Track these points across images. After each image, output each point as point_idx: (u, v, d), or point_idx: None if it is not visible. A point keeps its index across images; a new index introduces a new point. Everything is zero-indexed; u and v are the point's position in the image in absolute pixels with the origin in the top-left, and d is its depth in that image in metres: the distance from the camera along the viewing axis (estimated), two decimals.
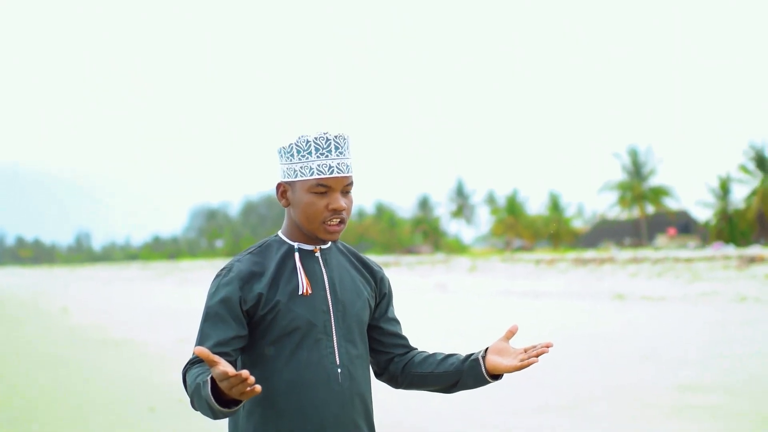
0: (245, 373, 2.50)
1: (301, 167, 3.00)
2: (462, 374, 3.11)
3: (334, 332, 3.02)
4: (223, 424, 3.14)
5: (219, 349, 2.92)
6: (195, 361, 2.95)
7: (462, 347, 14.05)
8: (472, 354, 3.12)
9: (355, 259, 3.21)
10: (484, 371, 3.07)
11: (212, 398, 2.65)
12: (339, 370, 3.00)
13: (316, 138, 2.98)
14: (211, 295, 3.04)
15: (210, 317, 3.00)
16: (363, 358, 3.11)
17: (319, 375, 2.97)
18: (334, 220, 2.99)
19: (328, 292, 3.04)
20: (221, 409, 2.66)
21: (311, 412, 2.96)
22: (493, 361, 3.04)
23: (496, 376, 3.11)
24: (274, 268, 3.04)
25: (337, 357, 3.01)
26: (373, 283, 3.20)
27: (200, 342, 2.96)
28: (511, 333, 3.00)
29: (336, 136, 3.00)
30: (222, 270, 3.08)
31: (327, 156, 2.97)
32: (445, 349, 3.40)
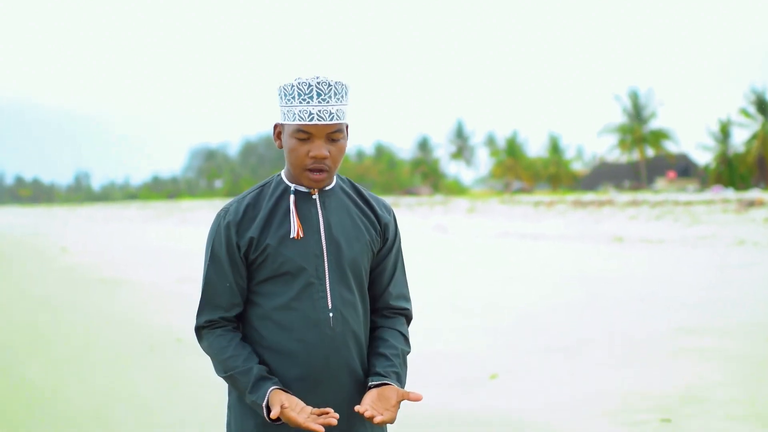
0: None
1: (287, 111, 2.97)
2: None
3: (327, 276, 2.98)
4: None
5: (235, 311, 3.05)
6: (216, 325, 3.05)
7: (461, 289, 14.06)
8: (373, 378, 2.99)
9: (361, 201, 3.13)
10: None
11: (264, 409, 2.89)
12: (331, 314, 2.97)
13: (299, 83, 2.94)
14: (211, 239, 3.07)
15: (218, 275, 3.05)
16: (359, 303, 3.06)
17: (310, 319, 2.96)
18: (317, 167, 2.95)
19: (322, 235, 3.00)
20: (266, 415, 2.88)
21: (302, 356, 2.95)
22: (364, 398, 2.93)
23: None
24: (267, 210, 3.02)
25: (329, 301, 2.98)
26: (378, 227, 3.12)
27: (211, 301, 3.05)
28: (409, 398, 2.89)
29: (319, 83, 2.92)
30: (221, 211, 3.09)
31: (308, 102, 2.92)
32: (443, 291, 3.37)
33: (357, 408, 2.83)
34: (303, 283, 2.97)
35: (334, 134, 2.96)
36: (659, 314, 12.76)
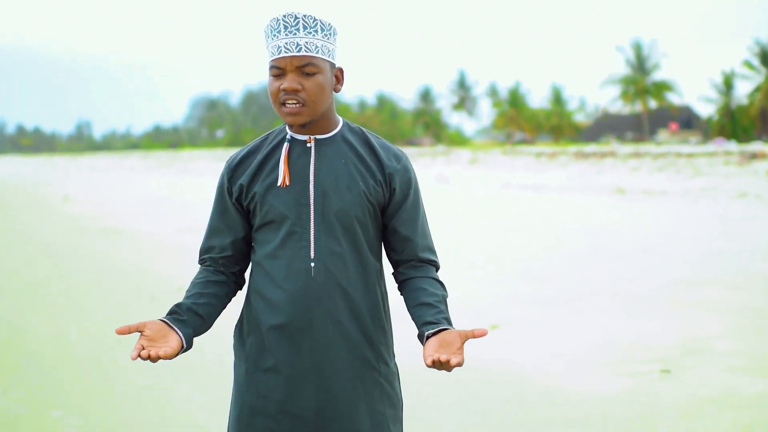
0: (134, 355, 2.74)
1: (266, 52, 2.98)
2: (417, 330, 2.96)
3: (312, 225, 2.93)
4: (229, 309, 3.15)
5: (221, 254, 3.08)
6: (204, 264, 3.14)
7: (463, 240, 14.08)
8: (427, 327, 2.90)
9: (364, 149, 3.05)
10: (423, 345, 2.88)
11: None
12: (313, 264, 2.92)
13: (269, 21, 2.93)
14: (217, 184, 3.11)
15: (213, 217, 3.11)
16: (348, 256, 2.97)
17: (293, 268, 2.92)
18: (290, 101, 2.90)
19: (311, 184, 2.95)
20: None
21: (284, 304, 2.92)
22: (426, 349, 2.82)
23: None
24: (261, 158, 3.02)
25: (312, 251, 2.93)
26: (380, 176, 3.01)
27: (206, 241, 3.12)
28: (473, 336, 2.79)
29: (285, 16, 2.90)
30: (228, 158, 3.12)
31: (276, 37, 2.90)
32: (445, 242, 3.33)
33: (426, 361, 2.73)
34: (287, 231, 2.94)
35: (306, 68, 2.89)
36: (661, 266, 12.77)
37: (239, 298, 3.15)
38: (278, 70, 2.91)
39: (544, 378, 7.27)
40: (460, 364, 2.70)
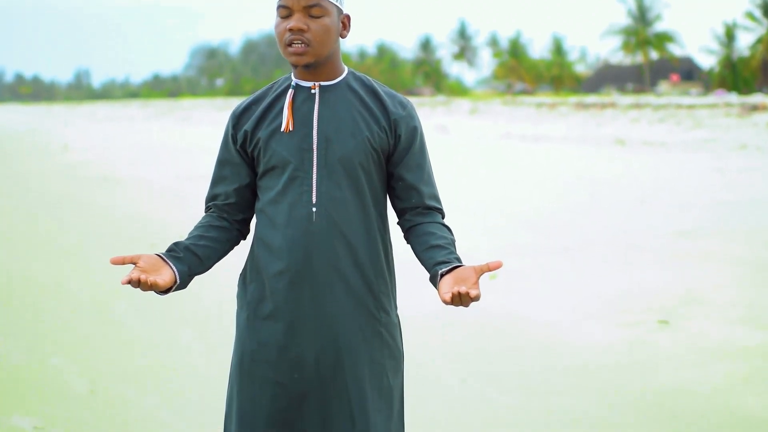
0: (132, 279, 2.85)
1: None
2: (429, 273, 2.95)
3: (314, 171, 2.93)
4: (233, 256, 3.17)
5: (225, 201, 3.09)
6: (208, 210, 3.16)
7: (462, 190, 14.08)
8: (440, 265, 2.88)
9: (369, 96, 3.04)
10: (437, 288, 2.86)
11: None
12: (314, 209, 2.91)
13: None
14: (223, 133, 3.13)
15: (218, 165, 3.12)
16: (351, 203, 2.96)
17: (294, 213, 2.92)
18: (296, 41, 2.89)
19: (315, 129, 2.94)
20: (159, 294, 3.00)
21: (284, 250, 2.92)
22: (441, 287, 2.81)
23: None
24: (265, 105, 3.02)
25: (313, 196, 2.92)
26: (384, 123, 3.00)
27: (211, 189, 3.13)
28: (488, 269, 2.75)
29: None
30: (234, 107, 3.12)
31: None
32: (444, 192, 3.31)
33: (444, 297, 2.72)
34: (289, 177, 2.93)
35: (313, 9, 2.89)
36: (660, 217, 12.78)
37: (245, 248, 3.15)
38: (286, 11, 2.90)
39: (543, 328, 7.30)
40: (478, 297, 2.68)
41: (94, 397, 5.73)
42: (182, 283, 2.96)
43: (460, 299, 2.69)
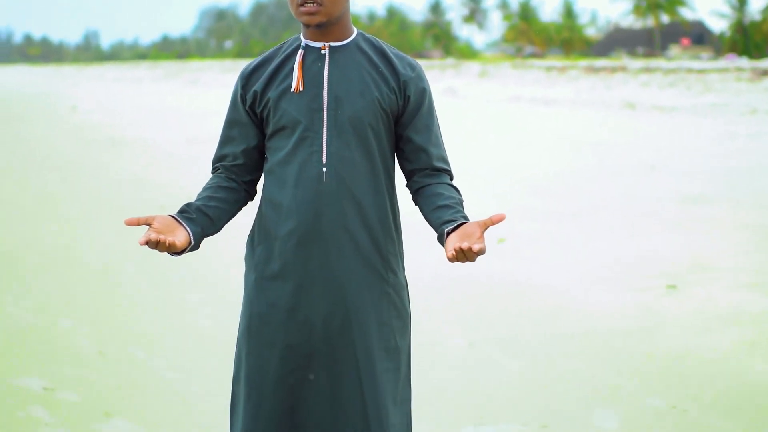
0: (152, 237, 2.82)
1: None
2: (436, 233, 2.95)
3: (324, 131, 2.93)
4: (240, 222, 3.17)
5: (233, 162, 3.08)
6: (215, 171, 3.14)
7: (471, 154, 14.05)
8: (447, 224, 2.89)
9: (379, 57, 3.04)
10: (444, 245, 2.87)
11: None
12: (324, 169, 2.91)
13: None
14: (231, 93, 3.12)
15: (226, 126, 3.11)
16: (360, 163, 2.96)
17: (304, 173, 2.91)
18: (309, 1, 2.89)
19: (325, 89, 2.94)
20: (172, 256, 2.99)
21: (293, 209, 2.92)
22: (447, 244, 2.81)
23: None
24: (275, 65, 3.01)
25: (324, 156, 2.92)
26: (393, 84, 3.00)
27: (218, 150, 3.12)
28: (492, 222, 2.76)
29: None
30: (243, 67, 3.11)
31: None
32: (452, 156, 3.29)
33: (448, 253, 2.74)
34: (299, 137, 2.93)
35: None
36: (669, 182, 12.75)
37: (252, 211, 3.15)
38: None
39: (550, 292, 7.31)
40: (483, 251, 2.69)
41: (103, 358, 5.76)
42: (196, 243, 2.96)
43: (464, 255, 2.70)
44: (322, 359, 2.96)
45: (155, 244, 2.81)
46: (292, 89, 2.95)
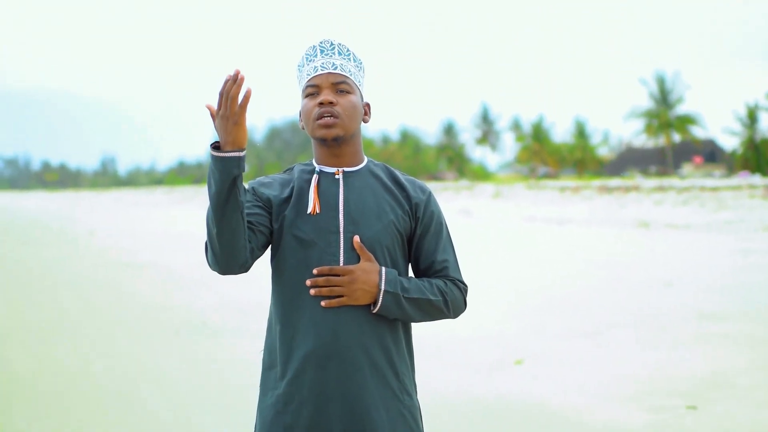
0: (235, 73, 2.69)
1: (300, 80, 3.10)
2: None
3: (341, 253, 2.96)
4: (250, 341, 3.18)
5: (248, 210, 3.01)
6: None
7: (486, 272, 14.05)
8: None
9: (391, 181, 3.11)
10: None
11: (211, 147, 2.79)
12: None
13: (306, 49, 3.07)
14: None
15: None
16: None
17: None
18: (326, 115, 2.96)
19: (341, 212, 2.99)
20: (220, 154, 2.76)
21: (310, 330, 2.93)
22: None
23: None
24: (291, 186, 3.06)
25: None
26: (407, 206, 3.08)
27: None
28: (358, 246, 2.93)
29: (322, 42, 3.05)
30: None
31: (313, 60, 3.04)
32: (468, 275, 3.33)
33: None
34: (315, 258, 2.95)
35: (341, 85, 3.01)
36: (684, 299, 12.72)
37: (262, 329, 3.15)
38: (314, 89, 3.01)
39: (567, 412, 7.24)
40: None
41: None
42: (240, 171, 2.79)
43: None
44: None
45: (234, 80, 2.70)
46: (309, 211, 3.00)
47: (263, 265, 3.20)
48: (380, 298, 2.92)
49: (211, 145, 2.80)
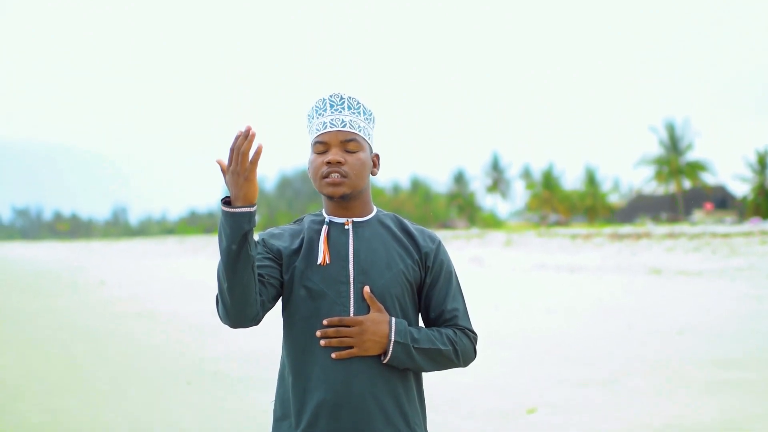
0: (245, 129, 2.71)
1: (309, 129, 3.10)
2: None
3: (351, 303, 2.97)
4: (261, 391, 3.18)
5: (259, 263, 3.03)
6: None
7: (498, 320, 14.03)
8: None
9: (400, 231, 3.13)
10: None
11: (221, 202, 2.84)
12: None
13: (315, 102, 3.06)
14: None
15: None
16: None
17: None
18: (333, 174, 2.98)
19: (350, 263, 3.00)
20: (230, 209, 2.79)
21: (322, 380, 2.93)
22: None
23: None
24: (300, 237, 3.08)
25: None
26: (416, 256, 3.09)
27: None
28: (368, 296, 2.95)
29: (331, 96, 3.04)
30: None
31: (322, 114, 3.03)
32: (480, 323, 3.33)
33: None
34: (326, 309, 2.97)
35: (350, 144, 3.01)
36: (697, 346, 12.66)
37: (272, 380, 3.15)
38: (323, 146, 3.01)
39: None
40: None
41: None
42: (251, 226, 2.82)
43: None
44: None
45: (245, 136, 2.73)
46: (319, 262, 3.01)
47: (275, 313, 3.20)
48: (390, 349, 2.93)
49: (222, 200, 2.83)
